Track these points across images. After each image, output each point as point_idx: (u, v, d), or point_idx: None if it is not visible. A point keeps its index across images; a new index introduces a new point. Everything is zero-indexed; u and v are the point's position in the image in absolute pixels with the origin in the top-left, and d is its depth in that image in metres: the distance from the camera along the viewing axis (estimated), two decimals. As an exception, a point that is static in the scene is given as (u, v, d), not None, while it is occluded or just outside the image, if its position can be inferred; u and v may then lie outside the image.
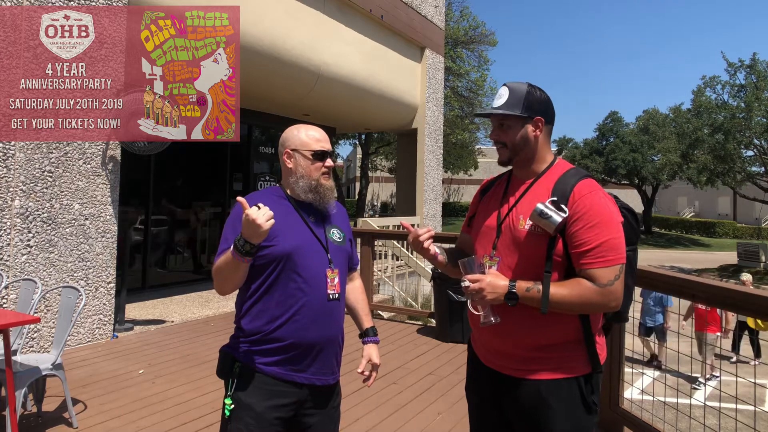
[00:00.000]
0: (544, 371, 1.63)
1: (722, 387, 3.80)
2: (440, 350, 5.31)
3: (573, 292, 1.56)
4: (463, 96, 23.93)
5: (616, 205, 1.66)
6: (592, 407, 1.65)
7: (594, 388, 1.66)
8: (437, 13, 12.25)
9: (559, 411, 1.62)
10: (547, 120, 1.73)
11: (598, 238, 1.56)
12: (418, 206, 11.57)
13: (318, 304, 1.80)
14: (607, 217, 1.59)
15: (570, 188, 1.62)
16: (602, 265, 1.55)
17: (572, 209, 1.59)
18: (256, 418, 1.72)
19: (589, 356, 1.64)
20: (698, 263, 25.84)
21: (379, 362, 1.99)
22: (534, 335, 1.64)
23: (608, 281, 1.55)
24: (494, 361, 1.74)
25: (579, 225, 1.58)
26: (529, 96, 1.71)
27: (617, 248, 1.57)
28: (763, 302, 2.55)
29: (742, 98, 23.26)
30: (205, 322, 6.37)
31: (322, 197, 1.87)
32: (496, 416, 1.77)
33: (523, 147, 1.73)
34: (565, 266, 1.61)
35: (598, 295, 1.55)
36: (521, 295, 1.59)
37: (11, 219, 4.69)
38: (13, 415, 2.96)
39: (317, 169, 1.86)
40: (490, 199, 1.84)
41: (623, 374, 3.54)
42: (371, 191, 37.17)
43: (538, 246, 1.61)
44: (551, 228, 1.57)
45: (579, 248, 1.58)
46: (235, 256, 1.65)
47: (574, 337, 1.64)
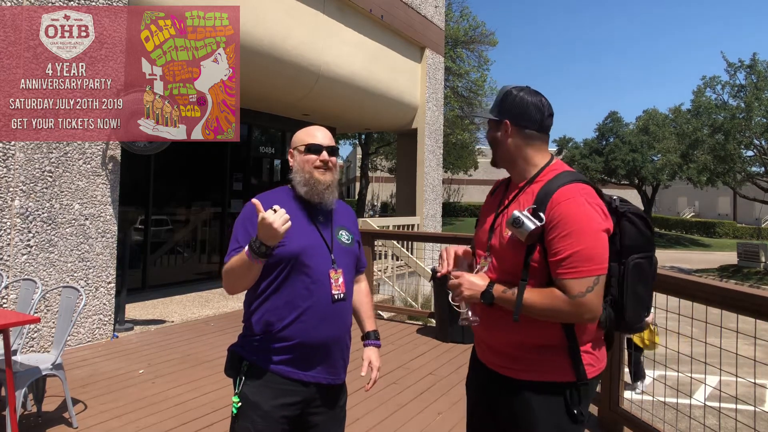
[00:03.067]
0: (527, 372, 1.64)
1: (722, 387, 3.79)
2: (440, 350, 5.31)
3: (545, 301, 1.55)
4: (463, 96, 23.92)
5: (602, 213, 1.59)
6: (577, 417, 1.61)
7: (581, 399, 1.62)
8: (437, 13, 12.25)
9: (541, 415, 1.61)
10: (518, 123, 1.69)
11: (572, 247, 1.52)
12: (418, 206, 11.57)
13: (323, 305, 1.81)
14: (582, 225, 1.53)
15: (550, 194, 1.59)
16: (573, 275, 1.52)
17: (549, 216, 1.56)
18: (263, 416, 1.74)
19: (573, 365, 1.61)
20: (698, 263, 25.84)
21: (379, 365, 2.00)
22: (517, 334, 1.64)
23: (578, 293, 1.51)
24: (487, 358, 1.76)
25: (554, 233, 1.55)
26: (505, 99, 1.72)
27: (591, 259, 1.52)
28: (763, 302, 2.55)
29: (742, 98, 23.26)
30: (205, 322, 6.36)
31: (314, 190, 1.86)
32: (487, 413, 1.78)
33: (496, 149, 1.76)
34: (545, 274, 1.59)
35: (569, 306, 1.53)
36: (497, 295, 1.61)
37: (11, 219, 4.69)
38: (13, 415, 2.96)
39: (309, 161, 1.87)
40: (492, 201, 1.87)
41: (623, 374, 3.54)
42: (371, 191, 37.15)
43: (518, 253, 1.61)
44: (523, 236, 1.56)
45: (554, 257, 1.56)
46: (249, 257, 1.66)
47: (556, 343, 1.62)
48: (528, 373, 1.63)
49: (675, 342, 3.35)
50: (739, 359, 3.13)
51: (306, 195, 1.87)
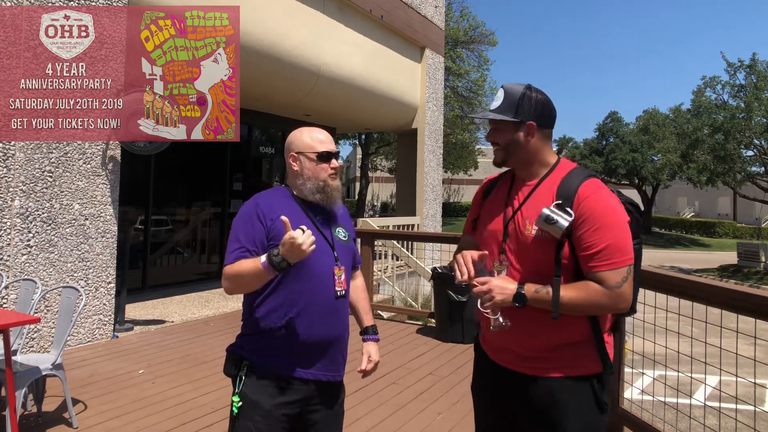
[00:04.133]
0: (557, 370, 1.63)
1: (722, 387, 3.80)
2: (440, 350, 5.31)
3: (582, 294, 1.56)
4: (463, 96, 23.91)
5: (621, 204, 1.65)
6: (603, 407, 1.65)
7: (604, 387, 1.66)
8: (437, 13, 12.25)
9: (572, 410, 1.62)
10: (541, 124, 1.70)
11: (604, 240, 1.55)
12: (418, 206, 11.56)
13: (326, 302, 1.83)
14: (612, 218, 1.58)
15: (574, 190, 1.61)
16: (609, 267, 1.55)
17: (577, 211, 1.58)
18: (263, 415, 1.75)
19: (599, 355, 1.65)
20: (698, 263, 25.84)
21: (378, 359, 2.01)
22: (546, 336, 1.63)
23: (616, 284, 1.54)
24: (506, 359, 1.73)
25: (585, 228, 1.57)
26: (523, 100, 1.68)
27: (623, 249, 1.57)
28: (763, 302, 2.55)
29: (742, 98, 23.26)
30: (205, 322, 6.36)
31: (329, 197, 1.90)
32: (502, 416, 1.76)
33: (515, 151, 1.71)
34: (572, 269, 1.61)
35: (607, 298, 1.55)
36: (530, 297, 1.58)
37: (11, 219, 4.69)
38: (13, 415, 2.96)
39: (324, 170, 1.89)
40: (494, 200, 1.82)
41: (623, 374, 3.54)
42: (371, 191, 37.16)
43: (546, 250, 1.61)
44: (558, 233, 1.56)
45: (586, 251, 1.57)
46: (266, 268, 1.67)
47: (584, 337, 1.64)
48: (558, 370, 1.63)
49: (675, 342, 3.35)
50: (739, 359, 3.13)
51: (320, 201, 1.89)
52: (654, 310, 3.24)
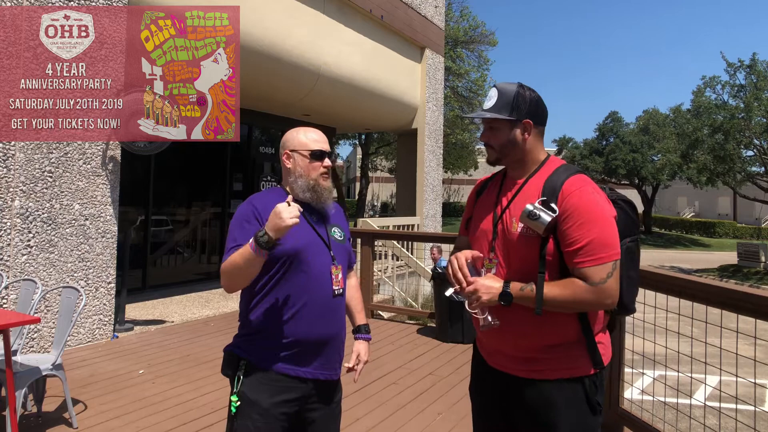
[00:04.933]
0: (549, 371, 1.63)
1: (722, 387, 3.79)
2: (440, 350, 5.31)
3: (566, 291, 1.56)
4: (463, 96, 23.92)
5: (607, 200, 1.65)
6: (596, 408, 1.65)
7: (598, 388, 1.65)
8: (437, 13, 12.25)
9: (566, 411, 1.62)
10: (536, 121, 1.71)
11: (588, 235, 1.55)
12: (418, 206, 11.57)
13: (323, 301, 1.84)
14: (596, 213, 1.57)
15: (559, 186, 1.61)
16: (593, 263, 1.54)
17: (561, 207, 1.58)
18: (262, 413, 1.75)
19: (590, 355, 1.64)
20: (698, 263, 25.84)
21: (367, 359, 2.01)
22: (535, 337, 1.63)
23: (600, 279, 1.54)
24: (500, 362, 1.73)
25: (569, 223, 1.57)
26: (518, 98, 1.69)
27: (608, 245, 1.56)
28: (763, 302, 2.55)
29: (742, 98, 23.26)
30: (205, 322, 6.37)
31: (319, 196, 1.91)
32: (500, 417, 1.76)
33: (511, 149, 1.71)
34: (558, 265, 1.61)
35: (591, 294, 1.55)
36: (515, 294, 1.58)
37: (11, 219, 4.69)
38: (13, 415, 2.96)
39: (315, 168, 1.90)
40: (485, 200, 1.82)
41: (623, 374, 3.53)
42: (371, 191, 37.17)
43: (531, 247, 1.61)
44: (541, 228, 1.56)
45: (570, 247, 1.57)
46: (253, 248, 1.67)
47: (575, 337, 1.64)
48: (552, 372, 1.63)
49: (675, 342, 3.35)
50: (739, 359, 3.13)
51: (311, 200, 1.90)
52: (654, 310, 3.24)
